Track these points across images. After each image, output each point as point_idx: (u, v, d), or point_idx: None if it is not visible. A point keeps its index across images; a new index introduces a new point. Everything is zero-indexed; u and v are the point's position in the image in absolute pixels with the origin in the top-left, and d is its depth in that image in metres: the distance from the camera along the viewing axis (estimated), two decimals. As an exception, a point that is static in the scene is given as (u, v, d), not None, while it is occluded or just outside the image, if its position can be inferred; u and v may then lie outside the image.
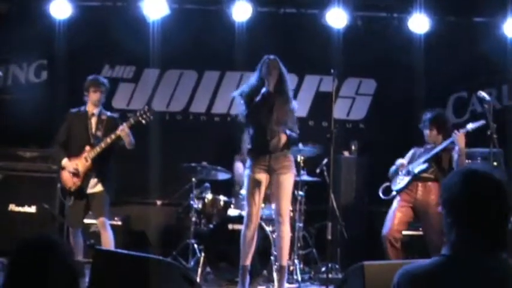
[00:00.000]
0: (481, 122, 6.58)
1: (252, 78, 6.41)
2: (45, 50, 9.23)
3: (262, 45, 8.39)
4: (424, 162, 6.78)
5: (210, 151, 8.92)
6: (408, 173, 6.86)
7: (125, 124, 6.61)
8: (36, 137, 8.57)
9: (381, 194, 7.08)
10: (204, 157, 8.09)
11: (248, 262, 6.40)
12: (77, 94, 6.97)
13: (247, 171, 6.38)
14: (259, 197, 6.28)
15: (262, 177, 6.27)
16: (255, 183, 6.26)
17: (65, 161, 6.70)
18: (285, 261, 6.40)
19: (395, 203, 6.86)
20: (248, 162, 6.41)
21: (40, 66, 9.53)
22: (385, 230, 6.72)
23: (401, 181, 6.88)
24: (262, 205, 6.66)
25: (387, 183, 7.04)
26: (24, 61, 9.51)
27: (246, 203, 6.45)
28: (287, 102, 6.29)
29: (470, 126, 6.58)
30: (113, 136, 6.60)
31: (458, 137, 6.53)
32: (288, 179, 6.32)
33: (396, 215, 6.74)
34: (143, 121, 6.68)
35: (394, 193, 6.92)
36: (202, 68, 9.59)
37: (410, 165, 6.88)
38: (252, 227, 6.31)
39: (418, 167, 6.79)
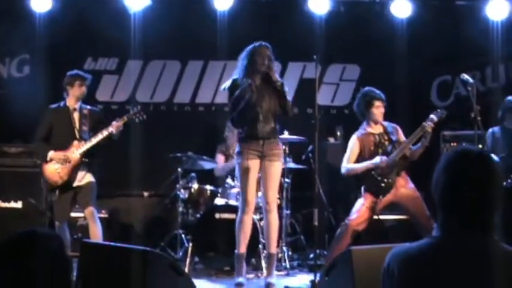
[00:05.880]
0: (443, 112, 6.52)
1: (241, 64, 6.25)
2: (27, 44, 9.15)
3: (245, 33, 8.35)
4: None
5: (195, 141, 8.92)
6: None
7: (118, 122, 6.61)
8: (20, 132, 8.50)
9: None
10: (189, 147, 8.07)
11: (244, 250, 6.29)
12: (60, 88, 6.91)
13: (237, 159, 6.28)
14: (253, 182, 6.20)
15: (254, 163, 6.18)
16: (247, 170, 6.16)
17: (51, 153, 6.62)
18: (273, 248, 6.31)
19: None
20: (238, 148, 6.29)
21: (23, 61, 9.46)
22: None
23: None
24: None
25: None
26: (7, 56, 9.44)
27: (240, 190, 6.39)
28: (278, 88, 6.17)
29: (433, 117, 6.43)
30: (105, 132, 6.58)
31: (431, 129, 6.43)
32: (276, 167, 6.26)
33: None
34: (136, 119, 6.76)
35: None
36: (185, 58, 9.56)
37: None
38: (249, 214, 6.24)
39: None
